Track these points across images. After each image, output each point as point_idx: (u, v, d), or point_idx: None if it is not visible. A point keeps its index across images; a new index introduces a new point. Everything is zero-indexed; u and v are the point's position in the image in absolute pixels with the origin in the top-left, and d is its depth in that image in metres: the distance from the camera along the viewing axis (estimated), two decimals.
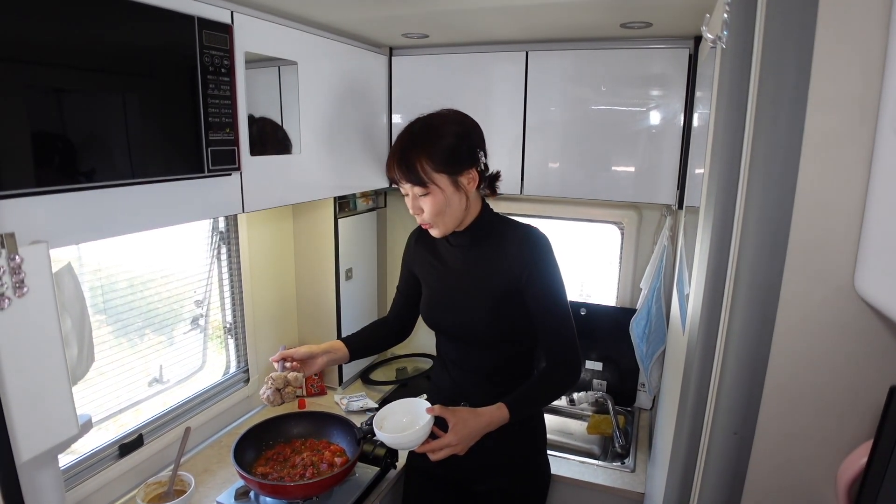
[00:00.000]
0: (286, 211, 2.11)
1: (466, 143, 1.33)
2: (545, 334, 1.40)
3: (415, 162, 1.29)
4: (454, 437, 1.27)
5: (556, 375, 1.40)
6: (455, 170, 1.31)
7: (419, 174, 1.30)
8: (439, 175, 1.30)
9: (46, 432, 0.82)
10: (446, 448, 1.27)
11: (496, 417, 1.31)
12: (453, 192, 1.32)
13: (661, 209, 2.06)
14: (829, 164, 0.70)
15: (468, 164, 1.33)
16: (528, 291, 1.37)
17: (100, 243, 1.44)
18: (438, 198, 1.31)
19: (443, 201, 1.32)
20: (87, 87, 0.97)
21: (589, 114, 1.83)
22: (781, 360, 0.75)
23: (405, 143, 1.32)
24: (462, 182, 1.33)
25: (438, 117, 1.35)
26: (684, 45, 1.70)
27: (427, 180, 1.30)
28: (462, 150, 1.32)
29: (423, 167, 1.29)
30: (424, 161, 1.29)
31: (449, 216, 1.35)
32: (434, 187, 1.31)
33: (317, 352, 1.47)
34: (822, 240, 0.71)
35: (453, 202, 1.33)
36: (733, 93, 0.79)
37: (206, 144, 1.20)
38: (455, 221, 1.37)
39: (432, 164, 1.29)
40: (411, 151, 1.30)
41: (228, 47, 1.24)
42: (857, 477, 0.69)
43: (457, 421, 1.28)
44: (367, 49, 1.88)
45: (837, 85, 0.68)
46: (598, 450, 2.08)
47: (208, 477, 1.64)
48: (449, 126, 1.33)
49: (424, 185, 1.31)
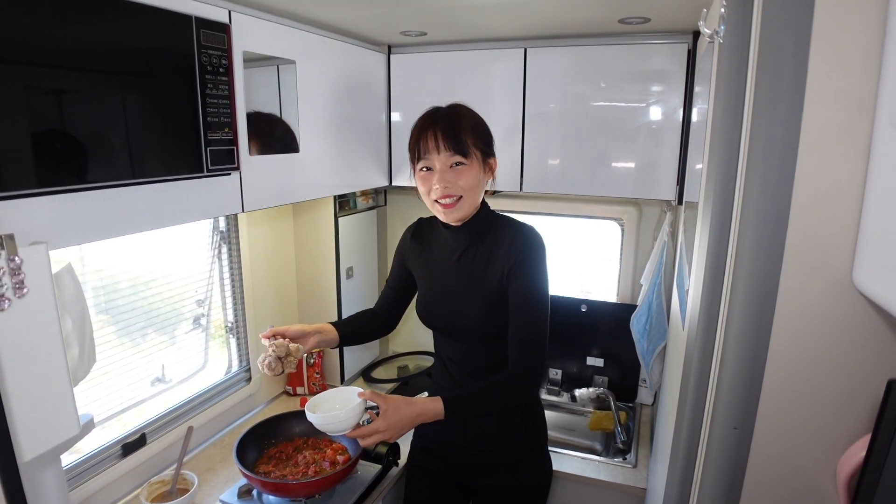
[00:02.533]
0: (286, 210, 2.12)
1: (489, 130, 1.41)
2: (514, 335, 1.37)
3: (460, 131, 1.33)
4: (383, 423, 1.27)
5: (511, 384, 1.36)
6: (488, 151, 1.39)
7: (464, 143, 1.33)
8: (477, 151, 1.36)
9: (48, 432, 0.82)
10: (375, 434, 1.27)
11: (429, 409, 1.30)
12: (480, 171, 1.37)
13: (661, 205, 2.05)
14: (826, 159, 0.70)
15: (492, 151, 1.42)
16: (510, 286, 1.36)
17: (102, 244, 1.44)
18: (473, 171, 1.35)
19: (475, 176, 1.36)
20: (85, 88, 0.97)
21: (588, 110, 1.82)
22: (780, 354, 0.75)
23: (447, 114, 1.36)
24: (490, 164, 1.40)
25: (461, 107, 1.41)
26: (683, 41, 1.69)
27: (469, 151, 1.34)
28: (490, 135, 1.41)
29: (467, 137, 1.34)
30: (469, 132, 1.34)
31: (472, 197, 1.37)
32: (473, 160, 1.35)
33: (308, 331, 1.46)
34: (821, 234, 0.71)
35: (480, 181, 1.38)
36: (731, 87, 0.79)
37: (205, 144, 1.20)
38: (475, 203, 1.40)
39: (473, 138, 1.35)
40: (456, 120, 1.34)
41: (226, 47, 1.24)
42: (856, 470, 0.70)
43: (388, 407, 1.28)
44: (365, 47, 1.88)
45: (835, 79, 0.68)
46: (599, 446, 2.08)
47: (211, 476, 1.64)
48: (474, 113, 1.41)
49: (465, 155, 1.34)
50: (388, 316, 1.66)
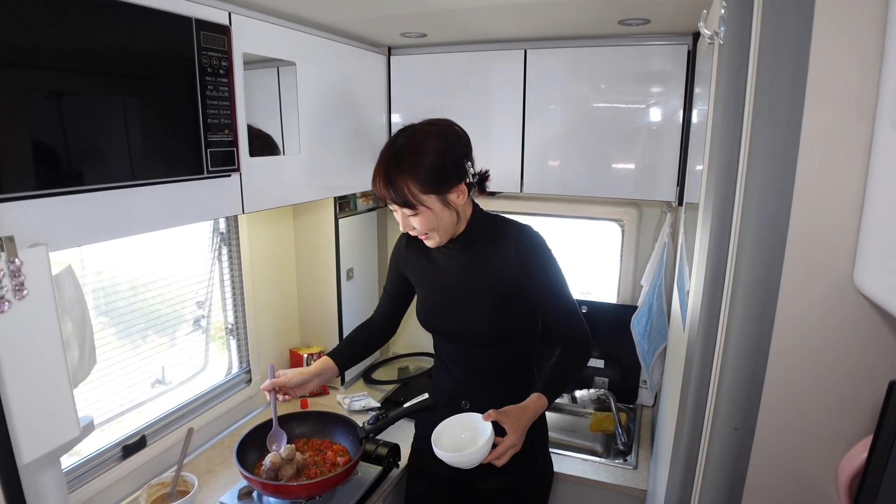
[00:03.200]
0: (286, 211, 2.12)
1: (451, 158, 1.30)
2: (553, 322, 1.41)
3: (401, 185, 1.27)
4: (516, 437, 1.28)
5: (572, 355, 1.42)
6: (443, 189, 1.29)
7: (406, 197, 1.28)
8: (427, 196, 1.29)
9: (48, 435, 0.82)
10: (510, 450, 1.27)
11: (539, 407, 1.35)
12: (442, 208, 1.31)
13: (662, 206, 2.05)
14: (827, 159, 0.70)
15: (456, 181, 1.31)
16: (530, 289, 1.37)
17: (102, 246, 1.44)
18: (428, 216, 1.31)
19: (433, 219, 1.31)
20: (85, 90, 0.97)
21: (588, 111, 1.82)
22: (781, 355, 0.75)
23: (389, 164, 1.29)
24: (451, 199, 1.32)
25: (421, 133, 1.31)
26: (683, 42, 1.69)
27: (415, 202, 1.28)
28: (447, 167, 1.29)
29: (410, 189, 1.27)
30: (411, 184, 1.27)
31: (441, 230, 1.35)
32: (423, 208, 1.29)
33: (308, 377, 1.47)
34: (821, 235, 0.71)
35: (444, 218, 1.33)
36: (731, 88, 0.79)
37: (205, 146, 1.20)
38: (448, 233, 1.37)
39: (419, 186, 1.27)
40: (396, 173, 1.27)
41: (226, 48, 1.24)
42: (858, 472, 0.69)
43: (512, 421, 1.29)
44: (365, 49, 1.88)
45: (835, 79, 0.68)
46: (600, 447, 2.08)
47: (211, 478, 1.64)
48: (432, 142, 1.29)
49: (413, 208, 1.29)
50: (387, 323, 1.66)
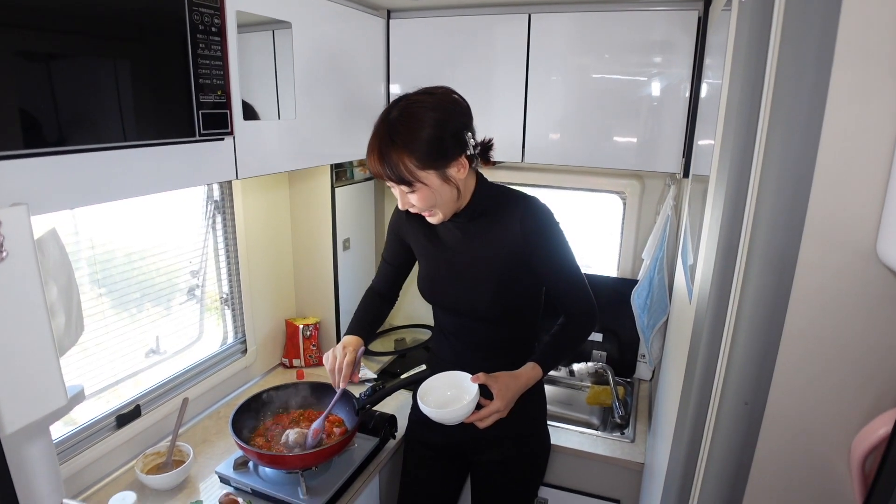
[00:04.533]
0: (282, 179, 2.07)
1: (450, 130, 1.22)
2: (558, 293, 1.39)
3: (396, 161, 1.19)
4: (501, 403, 1.27)
5: (575, 325, 1.40)
6: (442, 164, 1.22)
7: (402, 174, 1.20)
8: (425, 172, 1.21)
9: (33, 404, 0.79)
10: (495, 414, 1.27)
11: (532, 377, 1.34)
12: (441, 184, 1.24)
13: (665, 178, 2.02)
14: (853, 122, 0.66)
15: (456, 154, 1.23)
16: (536, 262, 1.34)
17: (96, 213, 1.40)
18: (426, 193, 1.24)
19: (431, 196, 1.25)
20: (72, 49, 0.92)
21: (592, 81, 1.77)
22: (797, 328, 0.72)
23: (383, 139, 1.21)
24: (451, 174, 1.24)
25: (416, 104, 1.22)
26: (693, 8, 1.63)
27: (412, 179, 1.21)
28: (446, 139, 1.21)
29: (407, 166, 1.20)
30: (407, 160, 1.19)
31: (443, 206, 1.28)
32: (420, 185, 1.22)
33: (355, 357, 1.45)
34: (844, 203, 0.68)
35: (443, 194, 1.26)
36: (752, 50, 0.74)
37: (196, 107, 1.15)
38: (450, 210, 1.31)
39: (416, 162, 1.19)
40: (391, 149, 1.19)
41: (219, 5, 1.18)
42: (871, 449, 0.67)
43: (500, 387, 1.28)
44: (364, 11, 1.82)
45: (866, 36, 0.64)
46: (597, 420, 2.08)
47: (207, 447, 1.63)
48: (428, 114, 1.20)
49: (410, 185, 1.22)
50: (391, 293, 1.64)
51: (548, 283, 1.39)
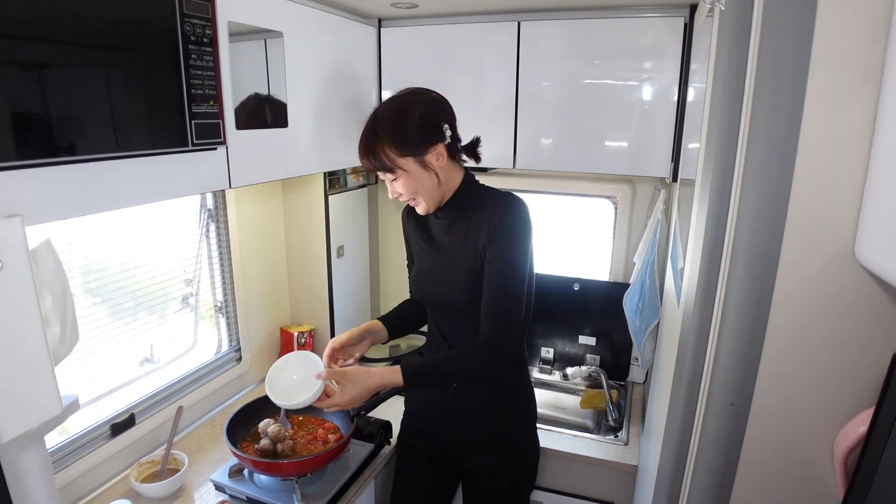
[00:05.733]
0: (275, 187, 2.08)
1: (430, 120, 1.33)
2: (486, 306, 1.33)
3: (378, 150, 1.33)
4: (342, 399, 1.34)
5: (478, 356, 1.33)
6: (418, 150, 1.33)
7: (384, 161, 1.33)
8: (404, 159, 1.32)
9: (27, 413, 0.80)
10: (335, 407, 1.35)
11: (390, 381, 1.34)
12: (421, 171, 1.34)
13: (655, 182, 2.04)
14: (831, 127, 0.68)
15: (433, 141, 1.33)
16: (486, 254, 1.33)
17: (89, 223, 1.41)
18: (408, 180, 1.34)
19: (413, 182, 1.34)
20: (65, 60, 0.93)
21: (582, 86, 1.79)
22: (779, 329, 0.74)
23: (368, 133, 1.35)
24: (429, 160, 1.34)
25: (399, 100, 1.37)
26: (679, 14, 1.66)
27: (392, 166, 1.33)
28: (425, 128, 1.33)
29: (387, 154, 1.32)
30: (387, 148, 1.32)
31: (425, 194, 1.37)
32: (401, 171, 1.33)
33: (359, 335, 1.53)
34: (823, 206, 0.69)
35: (424, 181, 1.35)
36: (732, 56, 0.77)
37: (189, 117, 1.16)
38: (434, 197, 1.38)
39: (395, 149, 1.32)
40: (374, 140, 1.33)
41: (211, 16, 1.19)
42: (853, 446, 0.69)
43: (346, 383, 1.34)
44: (355, 20, 1.83)
45: (841, 44, 0.66)
46: (591, 424, 2.09)
47: (202, 455, 1.63)
48: (411, 108, 1.33)
49: (392, 171, 1.34)
50: None
51: (484, 284, 1.34)
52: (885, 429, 0.52)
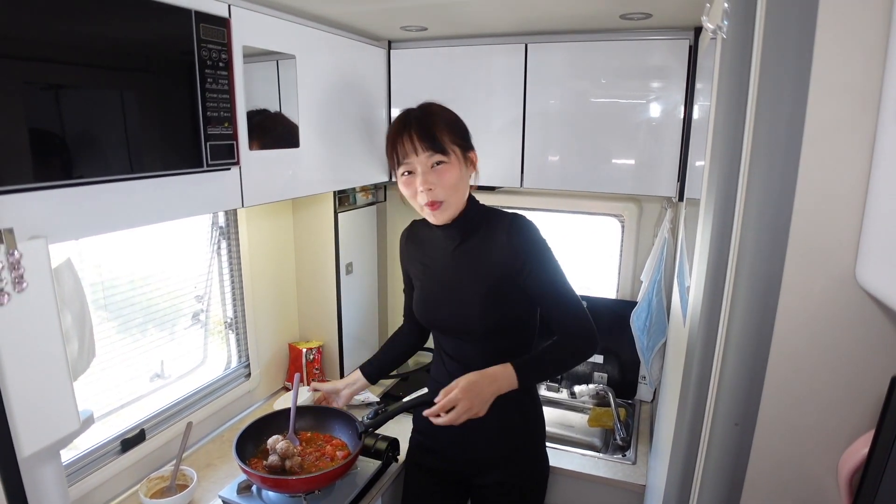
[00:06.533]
0: (286, 205, 2.11)
1: (465, 128, 1.40)
2: (555, 314, 1.38)
3: (434, 130, 1.32)
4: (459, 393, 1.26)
5: (569, 343, 1.38)
6: (467, 144, 1.38)
7: (441, 141, 1.32)
8: (455, 147, 1.35)
9: (48, 427, 0.82)
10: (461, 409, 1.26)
11: (502, 374, 1.31)
12: (462, 167, 1.36)
13: (662, 201, 2.05)
14: (830, 153, 0.69)
15: (471, 144, 1.40)
16: (526, 277, 1.36)
17: (101, 240, 1.44)
18: (454, 169, 1.34)
19: (457, 174, 1.35)
20: (84, 83, 0.97)
21: (589, 106, 1.82)
22: (782, 350, 0.75)
23: (419, 115, 1.35)
24: (471, 158, 1.39)
25: (433, 104, 1.40)
26: (684, 37, 1.69)
27: (447, 149, 1.33)
28: (466, 130, 1.40)
29: (443, 135, 1.33)
30: (444, 129, 1.33)
31: (455, 196, 1.36)
32: (452, 157, 1.34)
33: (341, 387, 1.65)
34: (824, 230, 0.71)
35: (462, 178, 1.36)
36: (734, 83, 0.78)
37: (204, 139, 1.20)
38: (461, 202, 1.39)
39: (450, 134, 1.34)
40: (429, 120, 1.34)
41: (226, 41, 1.23)
42: (858, 467, 0.69)
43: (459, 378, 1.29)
44: (365, 42, 1.87)
45: (839, 73, 0.67)
46: (599, 442, 2.08)
47: (210, 472, 1.64)
48: (445, 108, 1.40)
49: (445, 153, 1.33)
50: (420, 326, 1.65)
51: (540, 299, 1.39)
52: (886, 450, 0.53)
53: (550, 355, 1.38)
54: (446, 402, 1.27)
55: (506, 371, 1.31)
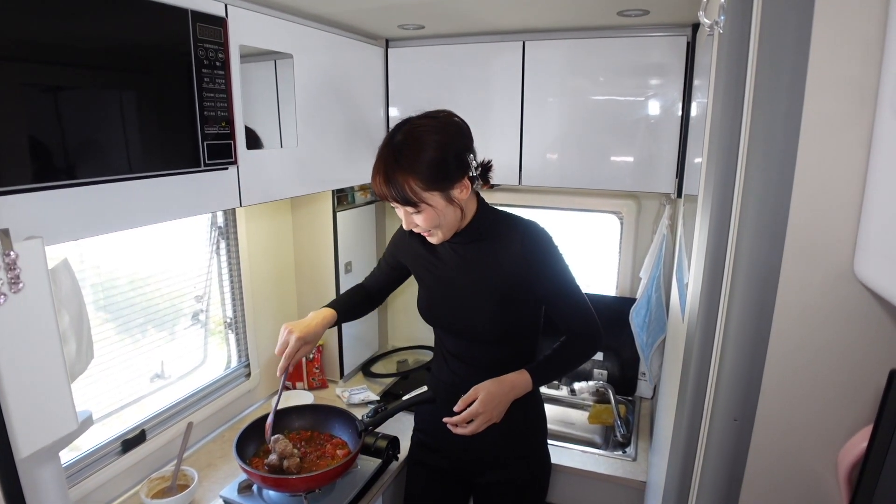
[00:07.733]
0: (284, 205, 2.11)
1: (453, 151, 1.25)
2: (561, 318, 1.40)
3: (402, 183, 1.22)
4: (479, 406, 1.29)
5: (575, 344, 1.40)
6: (446, 186, 1.25)
7: (407, 195, 1.23)
8: (430, 193, 1.24)
9: (45, 428, 0.82)
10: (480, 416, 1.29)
11: (518, 381, 1.33)
12: (446, 205, 1.27)
13: (660, 198, 2.05)
14: (827, 148, 0.69)
15: (459, 176, 1.26)
16: (537, 284, 1.36)
17: (100, 241, 1.44)
18: (431, 214, 1.27)
19: (436, 216, 1.27)
20: (81, 84, 0.97)
21: (587, 104, 1.82)
22: (780, 346, 0.75)
23: (388, 162, 1.24)
24: (454, 195, 1.28)
25: (420, 127, 1.26)
26: (682, 33, 1.68)
27: (417, 200, 1.24)
28: (450, 161, 1.24)
29: (412, 188, 1.23)
30: (412, 181, 1.22)
31: (445, 227, 1.32)
32: (425, 205, 1.25)
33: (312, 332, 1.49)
34: (821, 224, 0.71)
35: (447, 214, 1.29)
36: (731, 78, 0.78)
37: (202, 138, 1.20)
38: (452, 229, 1.35)
39: (421, 183, 1.23)
40: (396, 171, 1.22)
41: (223, 41, 1.23)
42: (857, 461, 0.69)
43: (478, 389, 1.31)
44: (363, 41, 1.87)
45: (836, 68, 0.67)
46: (599, 439, 2.09)
47: (211, 471, 1.64)
48: (431, 137, 1.24)
49: (415, 206, 1.25)
50: (380, 294, 1.67)
51: (550, 305, 1.40)
52: (884, 444, 0.53)
53: (561, 358, 1.40)
54: (466, 415, 1.29)
55: (522, 378, 1.34)
